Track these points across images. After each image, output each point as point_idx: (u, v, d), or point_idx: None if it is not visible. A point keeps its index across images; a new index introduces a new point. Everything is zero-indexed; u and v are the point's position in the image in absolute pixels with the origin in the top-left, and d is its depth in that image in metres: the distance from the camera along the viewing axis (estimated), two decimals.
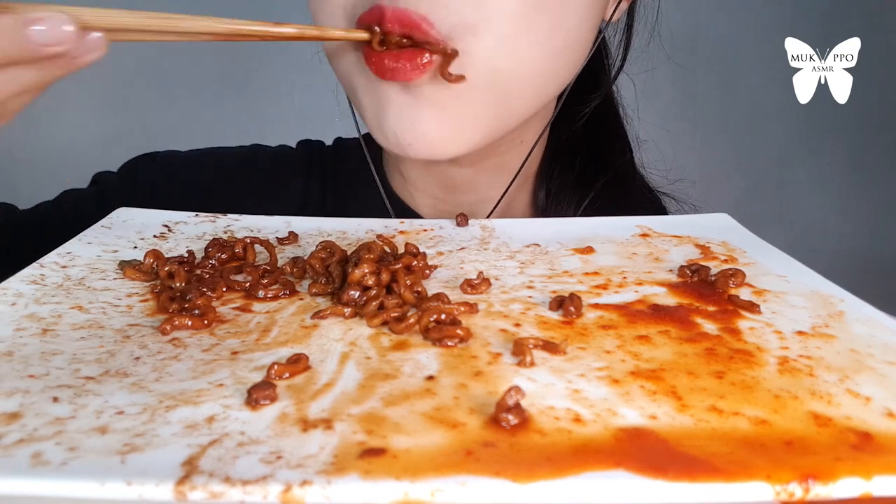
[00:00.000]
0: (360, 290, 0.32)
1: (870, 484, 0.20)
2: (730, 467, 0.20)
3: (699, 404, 0.24)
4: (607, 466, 0.20)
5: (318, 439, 0.22)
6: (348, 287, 0.32)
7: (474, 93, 0.40)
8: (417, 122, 0.40)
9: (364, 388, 0.25)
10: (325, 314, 0.31)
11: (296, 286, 0.35)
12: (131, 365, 0.26)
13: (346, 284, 0.32)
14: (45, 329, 0.29)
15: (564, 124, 0.53)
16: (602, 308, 0.32)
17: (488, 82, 0.40)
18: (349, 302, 0.32)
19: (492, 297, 0.33)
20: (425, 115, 0.40)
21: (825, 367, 0.26)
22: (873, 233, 1.34)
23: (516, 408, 0.23)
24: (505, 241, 0.42)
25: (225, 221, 0.44)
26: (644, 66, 0.55)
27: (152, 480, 0.19)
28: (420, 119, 0.40)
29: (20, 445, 0.21)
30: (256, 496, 0.19)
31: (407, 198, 0.53)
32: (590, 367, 0.26)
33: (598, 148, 0.55)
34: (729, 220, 0.44)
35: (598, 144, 0.55)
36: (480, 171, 0.49)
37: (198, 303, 0.31)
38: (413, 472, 0.20)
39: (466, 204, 0.51)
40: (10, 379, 0.25)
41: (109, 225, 0.41)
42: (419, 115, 0.40)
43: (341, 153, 0.57)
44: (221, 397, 0.24)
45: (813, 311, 0.32)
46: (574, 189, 0.53)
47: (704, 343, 0.28)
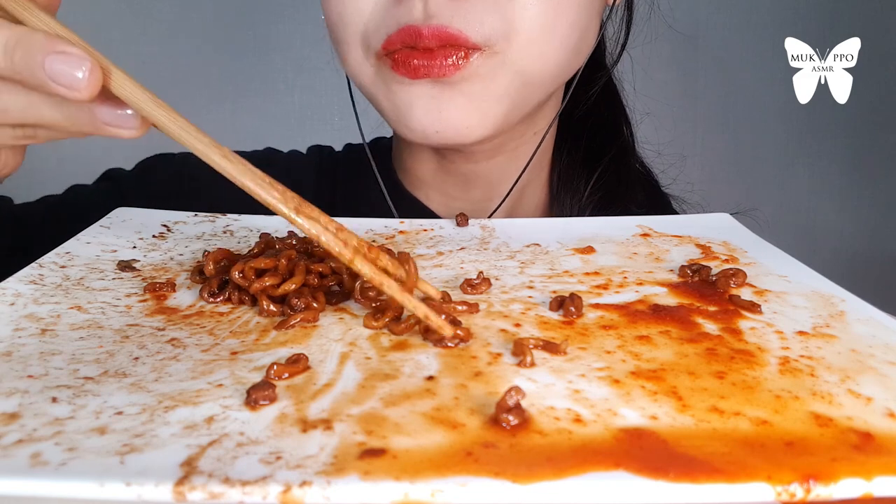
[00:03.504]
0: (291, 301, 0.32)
1: (871, 484, 0.20)
2: (730, 468, 0.20)
3: (700, 405, 0.24)
4: (608, 467, 0.20)
5: (317, 440, 0.21)
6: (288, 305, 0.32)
7: (500, 86, 0.42)
8: (445, 111, 0.42)
9: (364, 388, 0.25)
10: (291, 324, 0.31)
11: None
12: (130, 365, 0.26)
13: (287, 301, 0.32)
14: (44, 329, 0.29)
15: (570, 106, 0.53)
16: (603, 308, 0.32)
17: (515, 79, 0.42)
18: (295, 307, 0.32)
19: (492, 297, 0.33)
20: (453, 105, 0.42)
21: (826, 368, 0.26)
22: (873, 233, 1.34)
23: (516, 408, 0.23)
24: (505, 240, 0.42)
25: (224, 221, 0.44)
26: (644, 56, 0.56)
27: (151, 481, 0.19)
28: (448, 108, 0.42)
29: (19, 446, 0.21)
30: (256, 497, 0.19)
31: (422, 197, 0.54)
32: (590, 368, 0.26)
33: (603, 124, 0.56)
34: (730, 220, 0.44)
35: (601, 120, 0.56)
36: (494, 164, 0.50)
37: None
38: (413, 473, 0.20)
39: (480, 200, 0.52)
40: (9, 379, 0.25)
41: (108, 225, 0.41)
42: (448, 105, 0.42)
43: (351, 157, 0.58)
44: (221, 398, 0.24)
45: (814, 311, 0.32)
46: (583, 167, 0.54)
47: (705, 343, 0.28)
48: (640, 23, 0.54)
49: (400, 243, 0.41)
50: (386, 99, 0.44)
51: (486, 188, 0.51)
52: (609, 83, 0.56)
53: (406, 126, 0.43)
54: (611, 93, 0.57)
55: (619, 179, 0.54)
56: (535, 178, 0.53)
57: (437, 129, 0.42)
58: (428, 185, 0.53)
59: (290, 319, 0.30)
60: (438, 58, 0.40)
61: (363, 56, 0.43)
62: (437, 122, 0.42)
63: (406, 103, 0.42)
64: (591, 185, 0.53)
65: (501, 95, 0.42)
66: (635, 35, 0.54)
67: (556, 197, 0.54)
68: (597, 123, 0.55)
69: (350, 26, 0.43)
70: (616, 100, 0.57)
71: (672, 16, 0.57)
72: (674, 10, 0.56)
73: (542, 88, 0.45)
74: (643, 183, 0.57)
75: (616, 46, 0.55)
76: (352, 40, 0.43)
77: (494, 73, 0.41)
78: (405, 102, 0.42)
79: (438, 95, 0.42)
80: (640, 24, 0.54)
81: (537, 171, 0.53)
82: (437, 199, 0.53)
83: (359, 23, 0.42)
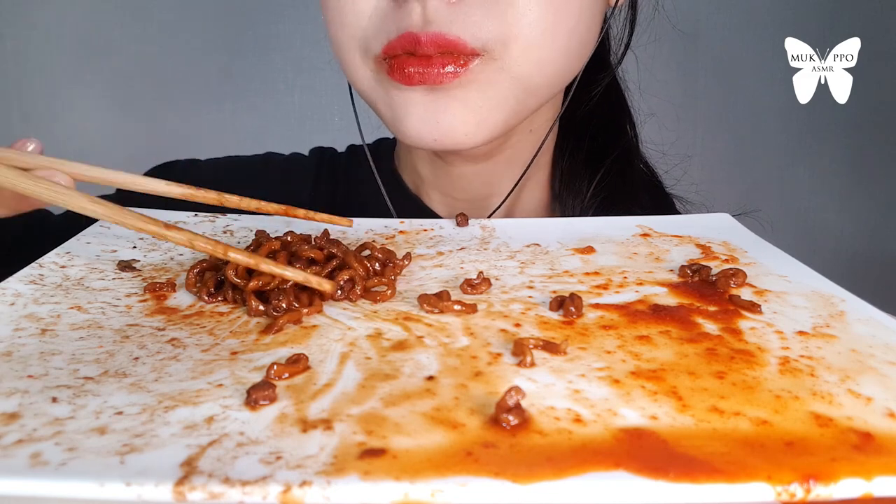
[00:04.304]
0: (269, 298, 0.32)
1: (871, 484, 0.20)
2: (730, 468, 0.20)
3: (700, 405, 0.24)
4: (608, 467, 0.20)
5: (317, 440, 0.21)
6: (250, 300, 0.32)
7: (498, 92, 0.42)
8: (442, 119, 0.41)
9: (364, 388, 0.25)
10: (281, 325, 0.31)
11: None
12: (130, 365, 0.26)
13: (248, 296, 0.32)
14: (44, 329, 0.29)
15: (572, 106, 0.53)
16: (603, 308, 0.32)
17: (513, 85, 0.42)
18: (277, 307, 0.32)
19: (492, 297, 0.33)
20: (450, 112, 0.41)
21: (826, 368, 0.26)
22: (873, 233, 1.34)
23: (516, 408, 0.23)
24: (505, 240, 0.42)
25: (224, 221, 0.44)
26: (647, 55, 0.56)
27: (151, 481, 0.19)
28: (445, 116, 0.41)
29: (19, 446, 0.21)
30: (256, 497, 0.19)
31: (424, 198, 0.54)
32: (590, 368, 0.26)
33: (605, 124, 0.56)
34: (730, 220, 0.44)
35: (604, 120, 0.55)
36: (495, 166, 0.50)
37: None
38: (413, 473, 0.20)
39: (481, 201, 0.52)
40: (9, 379, 0.25)
41: (108, 225, 0.41)
42: (445, 113, 0.41)
43: (352, 159, 0.59)
44: (221, 398, 0.24)
45: (814, 311, 0.32)
46: (585, 168, 0.54)
47: (705, 343, 0.28)
48: (643, 23, 0.54)
49: (400, 243, 0.41)
50: (384, 104, 0.44)
51: (485, 188, 0.51)
52: (613, 83, 0.56)
53: (403, 132, 0.43)
54: (615, 93, 0.56)
55: (623, 180, 0.53)
56: (534, 178, 0.53)
57: (435, 137, 0.42)
58: (429, 185, 0.53)
59: (274, 323, 0.30)
60: (436, 66, 0.40)
61: (361, 60, 0.43)
62: (435, 131, 0.42)
63: (403, 109, 0.42)
64: (593, 186, 0.53)
65: (500, 102, 0.42)
66: (639, 35, 0.53)
67: (558, 198, 0.54)
68: (600, 124, 0.55)
69: (349, 30, 0.42)
70: (620, 100, 0.57)
71: (676, 15, 0.57)
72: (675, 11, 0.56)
73: (541, 93, 0.44)
74: (647, 184, 0.57)
75: (620, 46, 0.54)
76: (350, 44, 0.43)
77: (492, 80, 0.41)
78: (402, 108, 0.42)
79: (435, 103, 0.41)
80: (645, 24, 0.54)
81: (536, 171, 0.53)
82: (439, 200, 0.53)
83: (357, 27, 0.42)
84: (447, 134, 0.42)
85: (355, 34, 0.42)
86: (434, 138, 0.42)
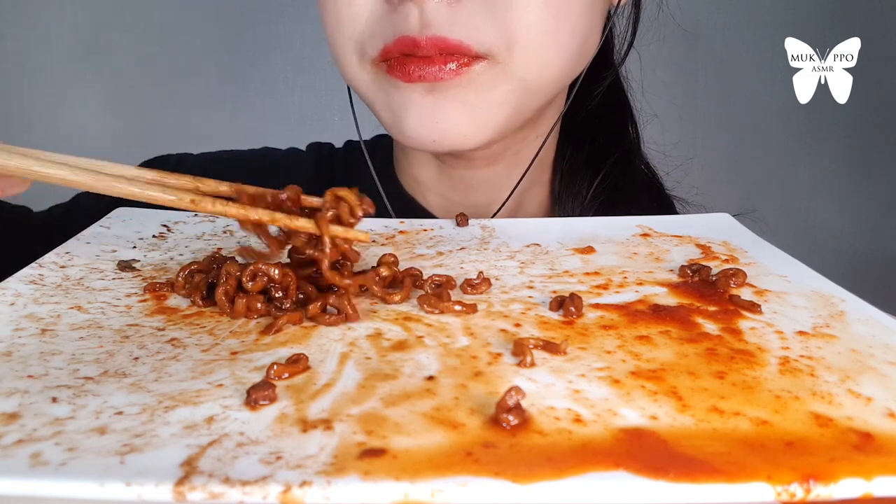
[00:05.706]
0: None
1: (871, 484, 0.20)
2: (730, 468, 0.20)
3: (700, 405, 0.24)
4: (608, 467, 0.20)
5: (317, 440, 0.21)
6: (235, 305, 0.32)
7: (498, 93, 0.41)
8: (441, 121, 0.41)
9: (364, 388, 0.25)
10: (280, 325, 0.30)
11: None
12: (130, 365, 0.26)
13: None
14: (44, 329, 0.29)
15: (575, 106, 0.53)
16: (603, 308, 0.32)
17: (515, 87, 0.41)
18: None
19: (492, 297, 0.33)
20: (449, 114, 0.41)
21: (826, 368, 0.26)
22: (873, 233, 1.34)
23: (516, 408, 0.23)
24: (505, 241, 0.41)
25: (224, 221, 0.44)
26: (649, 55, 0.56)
27: (151, 481, 0.19)
28: (444, 117, 0.41)
29: (19, 446, 0.21)
30: (256, 497, 0.19)
31: (420, 198, 0.53)
32: (590, 368, 0.26)
33: (608, 124, 0.55)
34: (730, 220, 0.44)
35: (606, 120, 0.55)
36: (495, 170, 0.50)
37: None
38: (413, 473, 0.20)
39: (480, 205, 0.51)
40: (9, 379, 0.25)
41: (108, 225, 0.41)
42: (444, 114, 0.41)
43: (350, 155, 0.58)
44: (221, 398, 0.24)
45: (814, 311, 0.32)
46: (585, 168, 0.53)
47: (705, 343, 0.28)
48: (647, 22, 0.53)
49: (400, 243, 0.41)
50: (383, 105, 0.43)
51: (486, 193, 0.51)
52: (616, 82, 0.56)
53: (402, 133, 0.42)
54: (617, 93, 0.56)
55: (624, 181, 0.53)
56: (536, 180, 0.53)
57: (434, 139, 0.41)
58: (427, 188, 0.52)
59: (274, 323, 0.30)
60: (437, 63, 0.39)
61: (359, 63, 0.43)
62: (434, 132, 0.41)
63: (402, 109, 0.42)
64: (593, 187, 0.53)
65: (500, 103, 0.42)
66: (642, 33, 0.53)
67: (559, 200, 0.54)
68: (602, 124, 0.55)
69: (345, 33, 0.42)
70: (623, 99, 0.57)
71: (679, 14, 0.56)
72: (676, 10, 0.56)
73: (542, 94, 0.44)
74: (648, 185, 0.57)
75: (623, 45, 0.54)
76: (347, 47, 0.43)
77: (494, 82, 0.41)
78: (401, 107, 0.42)
79: (434, 104, 0.41)
80: (648, 23, 0.53)
81: (538, 173, 0.53)
82: (436, 202, 0.53)
83: (354, 30, 0.42)
84: (446, 135, 0.41)
85: (352, 37, 0.42)
86: (433, 139, 0.41)
